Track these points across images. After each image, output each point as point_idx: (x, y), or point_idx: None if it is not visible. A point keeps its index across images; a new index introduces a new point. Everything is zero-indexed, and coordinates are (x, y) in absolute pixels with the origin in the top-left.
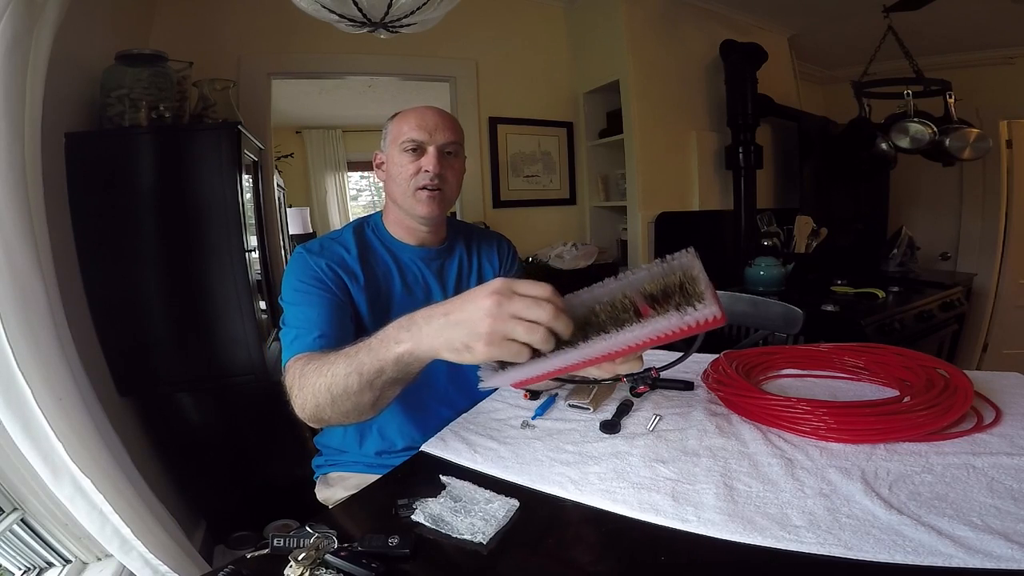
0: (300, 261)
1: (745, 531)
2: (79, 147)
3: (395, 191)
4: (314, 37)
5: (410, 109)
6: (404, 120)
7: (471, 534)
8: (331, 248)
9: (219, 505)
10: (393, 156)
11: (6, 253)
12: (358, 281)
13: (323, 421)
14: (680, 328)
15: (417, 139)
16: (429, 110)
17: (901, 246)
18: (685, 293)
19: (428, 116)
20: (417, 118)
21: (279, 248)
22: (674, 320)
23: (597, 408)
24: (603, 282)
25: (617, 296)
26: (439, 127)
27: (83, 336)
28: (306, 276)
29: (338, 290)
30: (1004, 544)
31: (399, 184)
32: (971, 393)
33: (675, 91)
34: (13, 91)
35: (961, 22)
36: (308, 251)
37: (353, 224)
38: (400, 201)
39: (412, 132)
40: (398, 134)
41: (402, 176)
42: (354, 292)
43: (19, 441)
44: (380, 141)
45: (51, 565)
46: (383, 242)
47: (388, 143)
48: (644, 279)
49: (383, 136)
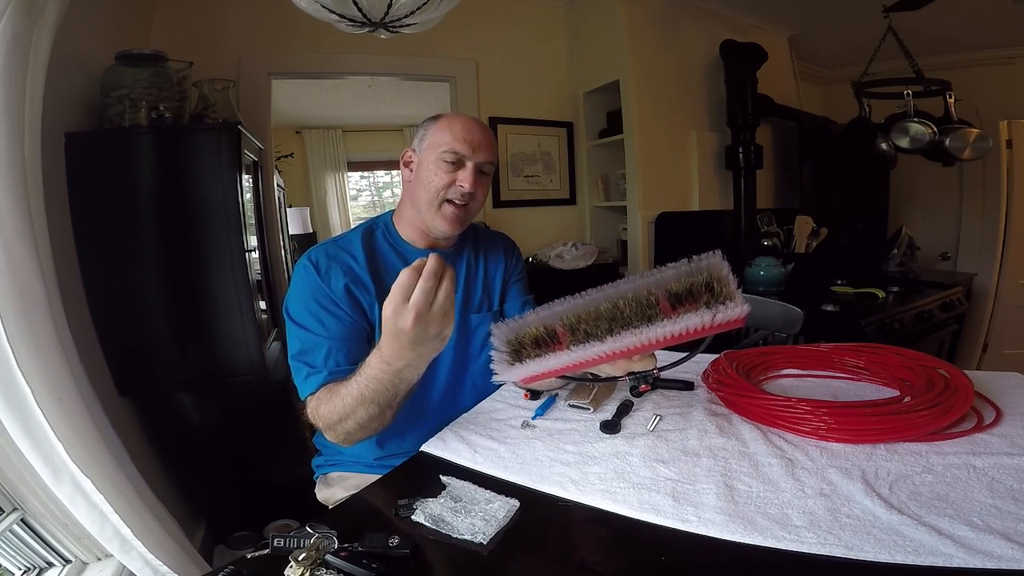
0: (310, 279)
1: (745, 531)
2: (79, 147)
3: (421, 196)
4: (314, 37)
5: (455, 117)
6: (448, 128)
7: (471, 534)
8: (339, 258)
9: (219, 505)
10: (427, 161)
11: (6, 253)
12: (369, 292)
13: (353, 442)
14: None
15: (460, 152)
16: (475, 124)
17: (901, 246)
18: (713, 292)
19: (475, 131)
20: (463, 130)
21: (279, 248)
22: (706, 317)
23: (597, 408)
24: (628, 278)
25: (642, 292)
26: (482, 145)
27: (83, 336)
28: (318, 296)
29: (351, 311)
30: (1004, 544)
31: (428, 191)
32: (971, 393)
33: (675, 91)
34: (13, 91)
35: (961, 22)
36: (317, 267)
37: (363, 227)
38: (423, 208)
39: (456, 144)
40: (439, 141)
41: (434, 184)
42: (366, 305)
43: (19, 441)
44: (413, 138)
45: (51, 565)
46: (393, 245)
47: (425, 146)
48: (671, 277)
49: (420, 136)
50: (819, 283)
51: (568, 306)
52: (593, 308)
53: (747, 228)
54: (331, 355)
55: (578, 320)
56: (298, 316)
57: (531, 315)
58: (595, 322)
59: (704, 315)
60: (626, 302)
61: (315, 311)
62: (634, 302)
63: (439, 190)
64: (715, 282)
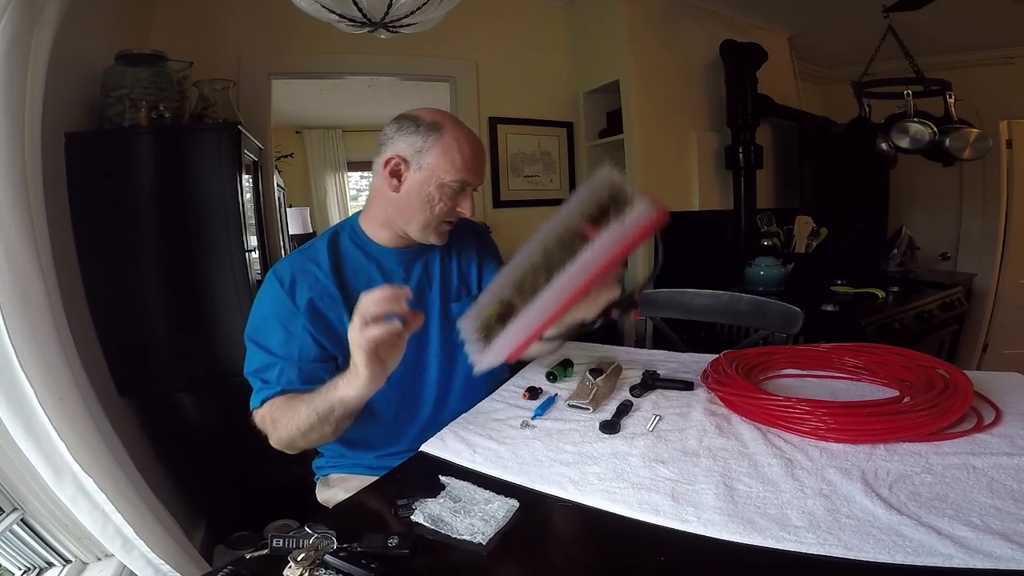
0: (275, 297)
1: (745, 531)
2: (79, 147)
3: (415, 216)
4: (314, 37)
5: (463, 139)
6: (459, 154)
7: (471, 534)
8: (305, 270)
9: (219, 505)
10: (428, 184)
11: (6, 253)
12: (336, 302)
13: (296, 449)
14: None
15: (469, 182)
16: (479, 148)
17: (901, 246)
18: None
19: (480, 157)
20: (472, 158)
21: (279, 248)
22: (616, 230)
23: (597, 408)
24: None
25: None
26: (481, 168)
27: (83, 336)
28: (280, 315)
29: (314, 329)
30: (1004, 544)
31: (426, 214)
32: (971, 393)
33: (675, 91)
34: (13, 91)
35: (961, 22)
36: (282, 282)
37: (329, 233)
38: (415, 228)
39: (465, 174)
40: (446, 167)
41: (437, 211)
42: (333, 316)
43: (21, 441)
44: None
45: (51, 565)
46: (361, 247)
47: (426, 166)
48: (576, 207)
49: (414, 146)
50: (819, 283)
51: (511, 269)
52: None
53: (747, 228)
54: (283, 374)
55: (522, 279)
56: (257, 336)
57: (483, 295)
58: (535, 276)
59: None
60: (554, 245)
61: (275, 330)
62: (559, 243)
63: (442, 216)
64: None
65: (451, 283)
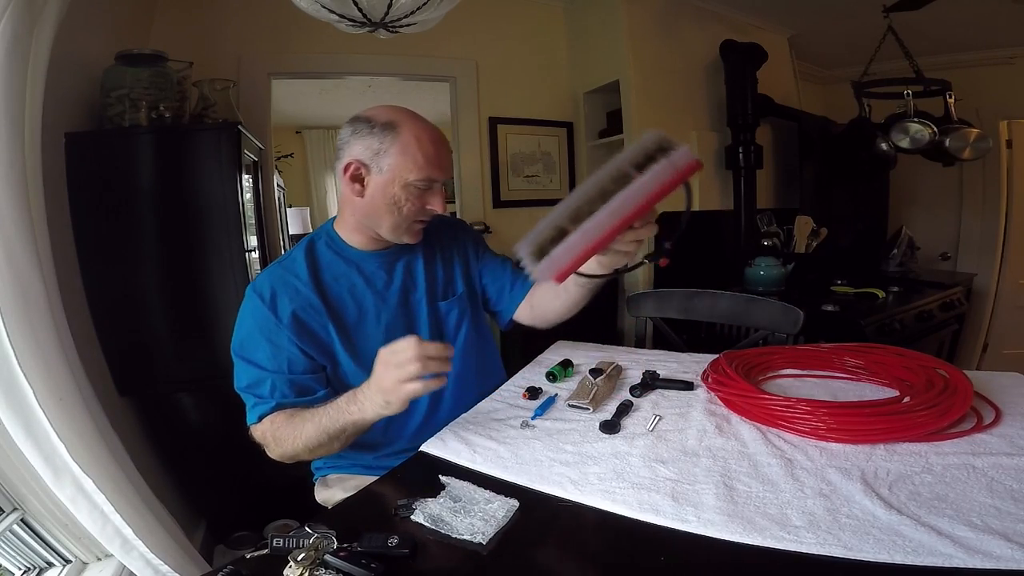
0: (257, 312)
1: (745, 531)
2: (79, 147)
3: (384, 219)
4: (314, 37)
5: (423, 135)
6: (419, 150)
7: (471, 534)
8: (285, 281)
9: (219, 505)
10: (392, 186)
11: (6, 253)
12: (319, 311)
13: (296, 461)
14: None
15: (435, 179)
16: (440, 142)
17: (901, 246)
18: (663, 150)
19: (443, 151)
20: (436, 155)
21: (279, 248)
22: (664, 164)
23: (597, 408)
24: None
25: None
26: (447, 162)
27: (83, 336)
28: (264, 329)
29: (300, 340)
30: (1004, 544)
31: (392, 215)
32: (971, 393)
33: (675, 91)
34: (13, 91)
35: (961, 22)
36: (262, 297)
37: (305, 241)
38: (386, 230)
39: (432, 171)
40: (409, 166)
41: (405, 212)
42: (318, 326)
43: (20, 441)
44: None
45: (51, 565)
46: (339, 252)
47: (387, 167)
48: (627, 156)
49: (376, 149)
50: (819, 283)
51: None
52: (586, 196)
53: (747, 228)
54: (276, 387)
55: (579, 209)
56: (244, 352)
57: (541, 222)
58: (590, 206)
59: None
60: (608, 182)
61: (261, 345)
62: (613, 181)
63: (412, 216)
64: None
65: (437, 282)
